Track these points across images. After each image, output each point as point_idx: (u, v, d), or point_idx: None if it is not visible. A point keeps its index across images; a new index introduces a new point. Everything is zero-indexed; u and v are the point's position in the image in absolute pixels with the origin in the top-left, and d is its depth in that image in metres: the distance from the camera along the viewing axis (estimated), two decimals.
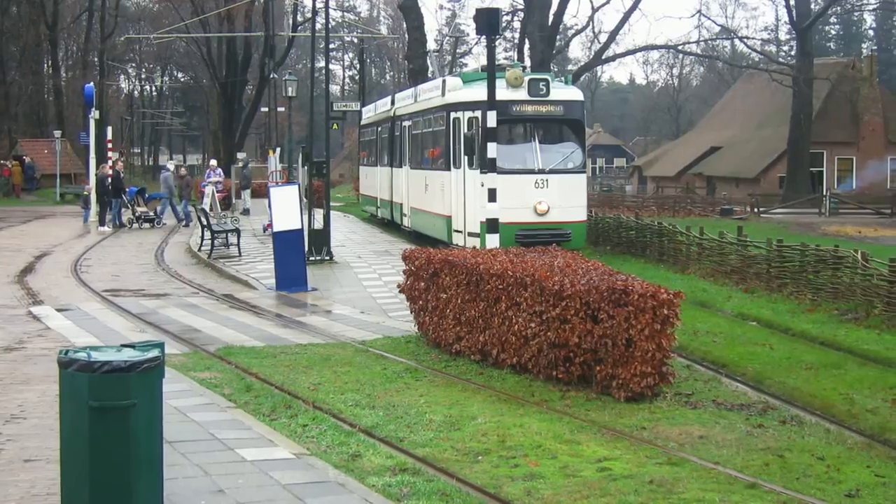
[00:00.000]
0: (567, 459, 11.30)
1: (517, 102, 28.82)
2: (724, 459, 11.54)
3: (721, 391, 15.14)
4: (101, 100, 73.76)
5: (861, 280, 21.76)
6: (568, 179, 29.36)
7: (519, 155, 29.30)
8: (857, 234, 45.40)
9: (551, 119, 29.75)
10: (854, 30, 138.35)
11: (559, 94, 29.71)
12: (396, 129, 39.76)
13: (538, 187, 28.46)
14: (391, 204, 40.41)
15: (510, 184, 26.98)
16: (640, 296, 13.83)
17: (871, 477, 11.22)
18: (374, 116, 46.97)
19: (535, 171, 28.76)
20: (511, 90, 28.67)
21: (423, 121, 34.88)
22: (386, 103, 44.25)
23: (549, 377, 14.98)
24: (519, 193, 27.89)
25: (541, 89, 28.94)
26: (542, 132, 29.89)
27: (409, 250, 19.27)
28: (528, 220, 28.11)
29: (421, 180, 34.54)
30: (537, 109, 29.12)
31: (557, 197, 28.64)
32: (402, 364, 16.59)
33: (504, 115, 27.36)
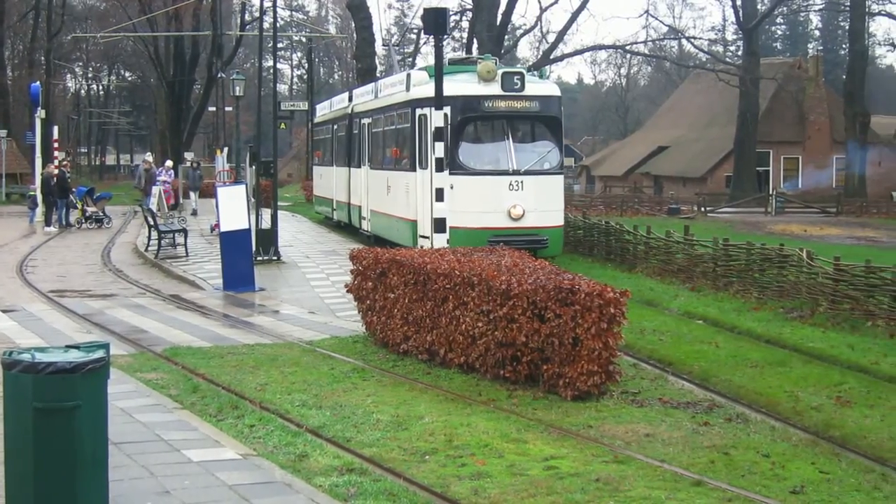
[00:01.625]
0: (514, 458, 11.32)
1: (490, 98, 26.94)
2: (670, 457, 11.61)
3: (667, 389, 15.23)
4: (48, 99, 73.19)
5: (806, 278, 21.92)
6: (544, 181, 27.38)
7: (491, 154, 27.58)
8: (803, 233, 45.75)
9: (526, 116, 27.68)
10: (800, 30, 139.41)
11: (535, 88, 27.63)
12: (355, 127, 37.73)
13: (512, 190, 26.43)
14: (349, 206, 38.45)
15: (482, 186, 26.42)
16: (586, 295, 13.87)
17: (815, 473, 11.32)
18: (329, 114, 44.97)
19: (509, 172, 26.67)
20: (483, 84, 26.94)
21: (384, 118, 32.88)
22: (343, 100, 42.51)
23: (497, 376, 15.00)
24: (491, 196, 26.41)
25: (515, 83, 26.92)
26: (516, 130, 27.86)
27: (357, 250, 19.25)
28: (502, 226, 26.18)
29: (382, 181, 32.46)
30: (511, 105, 27.07)
31: (533, 200, 26.63)
32: (349, 364, 16.56)
33: (475, 112, 26.94)
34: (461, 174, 26.34)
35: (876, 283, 20.03)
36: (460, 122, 26.77)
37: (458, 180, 26.08)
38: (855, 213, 61.31)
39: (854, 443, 12.79)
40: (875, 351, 17.32)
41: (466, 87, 27.00)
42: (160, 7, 71.73)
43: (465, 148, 27.12)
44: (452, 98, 25.70)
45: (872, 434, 12.93)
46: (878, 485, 11.07)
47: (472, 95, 26.74)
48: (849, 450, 12.56)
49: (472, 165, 26.77)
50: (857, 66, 73.72)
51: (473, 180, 26.51)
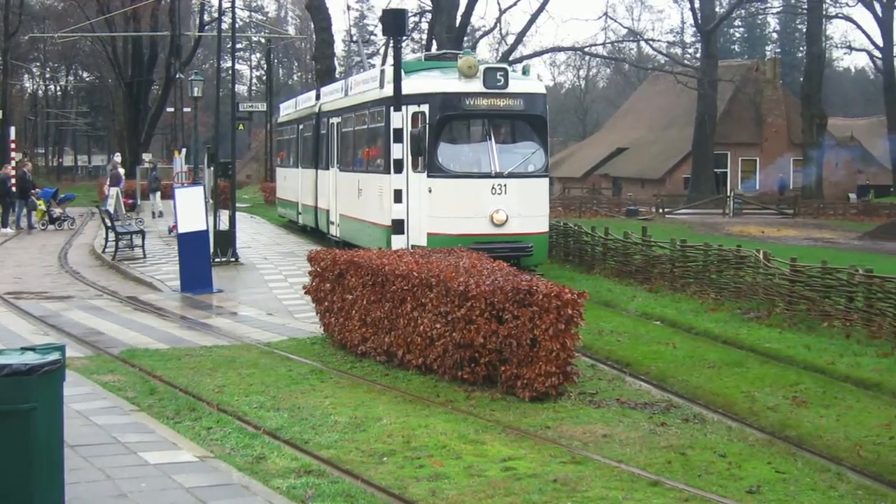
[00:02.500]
0: (472, 459, 11.33)
1: (471, 95, 25.09)
2: (627, 458, 11.64)
3: (625, 390, 15.27)
4: (5, 99, 72.88)
5: (763, 279, 22.04)
6: (529, 185, 25.51)
7: (472, 156, 25.81)
8: (761, 234, 46.03)
9: (510, 115, 25.77)
10: (758, 33, 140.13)
11: (519, 85, 25.64)
12: (322, 127, 35.90)
13: (495, 194, 24.65)
14: (315, 210, 36.65)
15: (462, 189, 24.91)
16: (544, 296, 13.90)
17: (771, 473, 11.37)
18: (294, 113, 43.21)
19: (492, 174, 24.79)
20: (464, 81, 25.12)
21: (355, 117, 30.97)
22: (309, 98, 40.48)
23: (455, 378, 15.01)
24: (473, 201, 24.71)
25: (498, 80, 25.00)
26: (499, 130, 25.93)
27: (315, 252, 19.20)
28: (484, 232, 24.46)
29: (353, 184, 30.58)
30: (494, 103, 25.21)
31: (517, 205, 24.85)
32: (307, 366, 16.53)
33: (455, 111, 25.30)
34: (440, 177, 24.98)
35: (832, 284, 20.15)
36: (439, 120, 25.17)
37: (437, 183, 24.99)
38: (812, 214, 61.71)
39: (810, 442, 12.85)
40: (831, 351, 17.42)
41: (446, 84, 25.56)
42: (118, 7, 71.39)
43: (445, 149, 25.49)
44: (431, 95, 25.04)
45: (828, 434, 13.00)
46: (834, 484, 11.14)
47: (451, 93, 25.20)
48: (805, 449, 12.62)
49: (452, 167, 25.18)
50: (814, 68, 74.23)
51: (453, 183, 25.03)
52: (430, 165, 24.87)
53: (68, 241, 39.54)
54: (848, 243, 42.98)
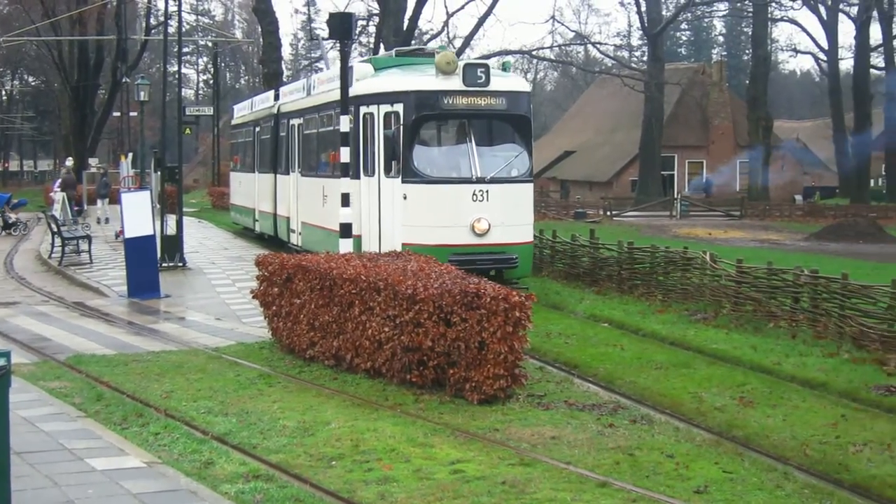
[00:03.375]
0: (420, 462, 11.34)
1: (449, 94, 23.16)
2: (575, 459, 11.69)
3: (573, 392, 15.31)
4: None
5: (710, 281, 22.16)
6: (512, 191, 23.56)
7: (451, 160, 23.90)
8: (708, 236, 46.30)
9: (492, 114, 23.79)
10: (704, 36, 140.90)
11: (501, 83, 23.80)
12: (282, 129, 33.89)
13: (476, 200, 22.76)
14: (275, 217, 34.61)
15: (440, 196, 23.02)
16: (492, 298, 13.93)
17: (719, 473, 11.44)
18: (250, 115, 41.08)
19: (473, 180, 22.86)
20: (442, 78, 23.15)
21: (319, 118, 28.86)
22: (267, 99, 38.25)
23: (403, 381, 15.00)
24: (452, 208, 22.84)
25: (479, 77, 23.05)
26: (480, 131, 23.93)
27: (263, 256, 19.13)
28: (464, 242, 22.71)
29: (317, 190, 28.60)
30: (474, 102, 23.18)
31: (500, 212, 23.00)
32: (255, 370, 16.49)
33: (433, 110, 23.41)
34: (415, 182, 23.07)
35: (778, 285, 20.30)
36: (415, 121, 23.27)
37: (413, 190, 23.12)
38: (758, 216, 62.15)
39: (757, 442, 12.94)
40: (777, 351, 17.53)
41: (422, 81, 23.63)
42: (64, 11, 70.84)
43: (421, 152, 23.65)
44: (405, 94, 23.35)
45: (775, 433, 13.10)
46: (781, 483, 11.22)
47: (428, 90, 23.29)
48: (752, 449, 12.71)
49: (429, 172, 23.31)
50: (759, 71, 74.79)
51: (430, 190, 23.11)
52: (405, 170, 23.10)
53: (14, 246, 39.26)
54: (794, 244, 43.31)
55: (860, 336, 17.85)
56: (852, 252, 39.67)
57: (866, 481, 11.37)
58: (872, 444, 12.57)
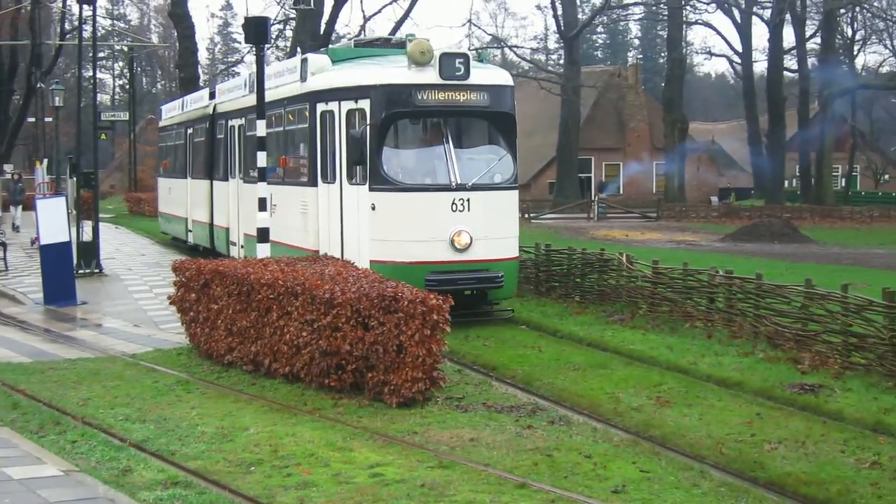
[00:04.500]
0: (340, 467, 11.34)
1: (424, 88, 20.45)
2: (494, 461, 11.74)
3: (491, 394, 15.36)
4: None
5: (626, 282, 22.31)
6: (497, 199, 21.14)
7: (427, 164, 21.22)
8: (625, 238, 46.64)
9: (473, 111, 21.15)
10: (620, 39, 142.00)
11: (482, 76, 21.17)
12: (219, 130, 31.13)
13: (456, 210, 20.30)
14: (211, 228, 32.12)
15: (415, 206, 20.42)
16: (409, 302, 13.96)
17: (636, 472, 11.53)
18: (180, 115, 38.22)
19: (452, 187, 20.36)
20: (415, 70, 20.45)
21: (266, 117, 24.39)
22: (201, 98, 35.20)
23: (322, 385, 14.99)
24: (428, 220, 20.31)
25: (457, 69, 20.45)
26: (459, 131, 21.47)
27: (180, 261, 19.04)
28: (443, 259, 20.24)
29: None
30: (453, 98, 20.61)
31: (482, 224, 20.56)
32: (173, 377, 16.41)
33: (406, 107, 20.63)
34: (386, 190, 20.36)
35: (693, 286, 20.48)
36: (385, 119, 20.55)
37: (382, 199, 20.39)
38: (675, 217, 62.71)
39: (673, 441, 13.04)
40: (693, 351, 17.69)
41: (392, 74, 20.86)
42: None
43: (391, 155, 20.97)
44: (373, 88, 20.60)
45: (691, 432, 13.21)
46: (697, 482, 11.32)
47: (400, 84, 20.53)
48: (668, 448, 12.81)
49: (401, 178, 20.61)
50: (674, 73, 75.49)
51: (403, 199, 20.44)
52: (373, 176, 20.34)
53: None
54: (710, 245, 43.73)
55: (775, 335, 18.07)
56: (767, 252, 40.16)
57: (781, 478, 11.50)
58: (787, 441, 12.71)
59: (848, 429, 13.36)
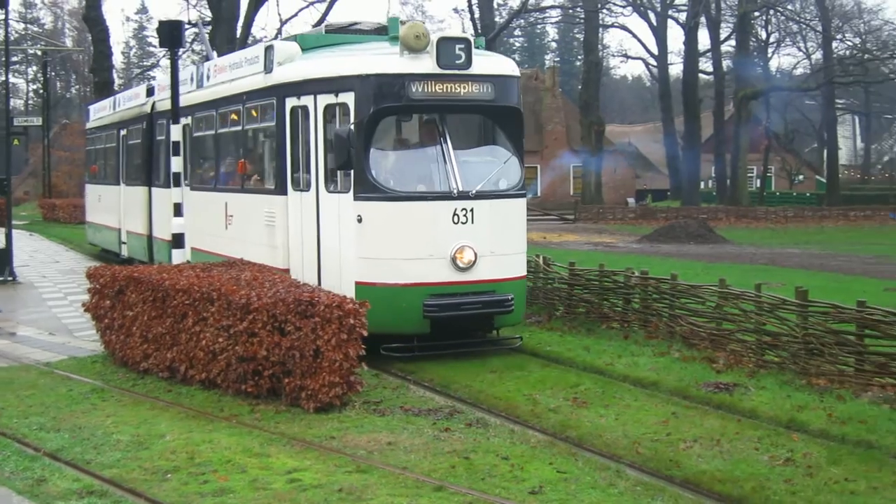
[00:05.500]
0: (257, 473, 11.30)
1: (420, 79, 17.51)
2: (412, 464, 11.74)
3: (409, 397, 15.34)
4: None
5: (543, 284, 22.42)
6: (503, 208, 18.26)
7: (423, 168, 18.30)
8: (542, 240, 46.79)
9: (475, 107, 18.34)
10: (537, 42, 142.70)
11: (486, 64, 18.24)
12: (159, 131, 27.82)
13: (458, 223, 17.48)
14: (149, 240, 28.72)
15: (411, 217, 17.54)
16: (326, 306, 13.92)
17: (553, 473, 11.57)
18: (112, 116, 34.68)
19: (453, 195, 17.45)
20: (409, 57, 17.55)
21: (219, 116, 23.20)
22: (136, 96, 31.66)
23: (239, 391, 14.90)
24: (426, 234, 17.44)
25: (458, 56, 17.60)
26: (460, 129, 18.69)
27: (94, 268, 18.83)
28: (443, 280, 17.41)
29: (216, 208, 22.91)
30: (452, 90, 17.71)
31: (488, 238, 17.75)
32: (88, 385, 16.23)
33: (398, 100, 17.68)
34: (375, 199, 17.45)
35: (609, 287, 20.61)
36: (373, 116, 17.62)
37: (371, 209, 17.51)
38: (592, 219, 63.10)
39: (590, 442, 13.09)
40: (610, 352, 17.80)
41: (381, 62, 17.93)
42: None
43: (380, 158, 18.10)
44: (358, 79, 17.71)
45: (607, 432, 13.28)
46: (613, 481, 11.38)
47: (391, 74, 17.60)
48: (585, 449, 12.86)
49: (392, 185, 17.74)
50: (591, 76, 75.98)
51: (396, 209, 17.56)
52: (360, 183, 17.46)
53: None
54: (627, 246, 44.04)
55: (690, 335, 18.24)
56: (683, 253, 40.53)
57: (696, 476, 11.59)
58: (702, 439, 12.83)
59: (762, 426, 13.52)
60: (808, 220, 67.28)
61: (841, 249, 44.13)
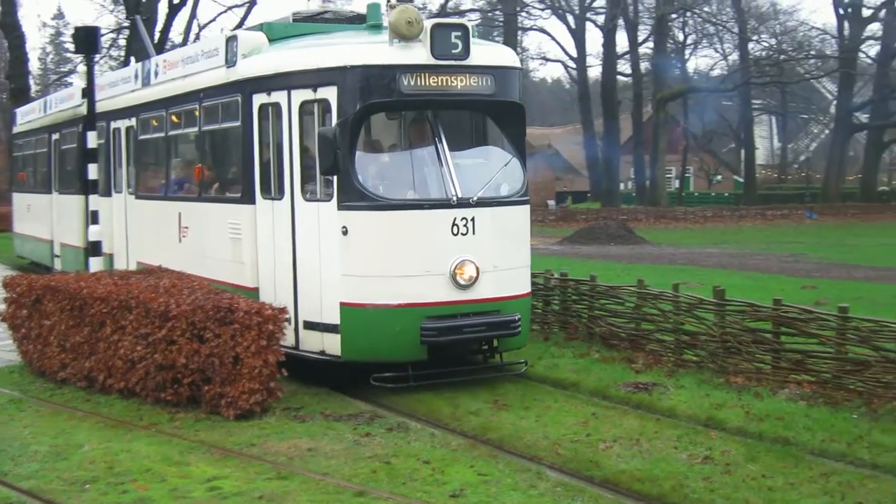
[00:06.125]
0: (177, 481, 11.24)
1: (413, 70, 15.39)
2: (332, 470, 11.73)
3: (329, 403, 15.26)
4: None
5: None
6: (506, 217, 16.37)
7: (416, 172, 16.09)
8: None
9: (475, 101, 16.27)
10: None
11: (485, 54, 16.17)
12: (100, 135, 24.22)
13: (458, 234, 15.43)
14: (86, 254, 24.48)
15: (405, 228, 15.43)
16: (245, 313, 13.87)
17: (474, 476, 11.61)
18: (42, 119, 32.34)
19: (452, 202, 15.42)
20: (399, 47, 15.39)
21: (169, 116, 20.92)
22: (70, 97, 28.95)
23: (158, 400, 14.79)
24: (422, 247, 15.40)
25: (454, 45, 15.48)
26: (457, 127, 16.71)
27: (10, 277, 18.61)
28: (443, 300, 15.37)
29: (167, 219, 20.68)
30: (449, 84, 15.59)
31: (491, 251, 15.80)
32: (5, 395, 16.04)
33: (388, 95, 15.51)
34: (362, 208, 15.33)
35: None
36: (359, 113, 15.48)
37: (358, 219, 15.40)
38: None
39: (511, 444, 13.15)
40: (530, 354, 17.79)
41: (369, 52, 15.73)
42: None
43: (368, 161, 16.09)
44: (341, 71, 15.53)
45: (528, 434, 13.34)
46: (534, 483, 11.44)
47: (380, 66, 15.44)
48: (506, 451, 12.91)
49: (382, 192, 15.65)
50: None
51: (387, 219, 15.43)
52: (344, 189, 15.33)
53: None
54: (547, 248, 44.17)
55: (609, 336, 18.38)
56: (604, 254, 40.77)
57: (616, 476, 11.68)
58: (622, 439, 12.93)
59: (681, 425, 13.67)
60: (727, 220, 67.88)
61: (759, 248, 44.59)
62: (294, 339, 15.98)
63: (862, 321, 14.65)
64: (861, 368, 14.44)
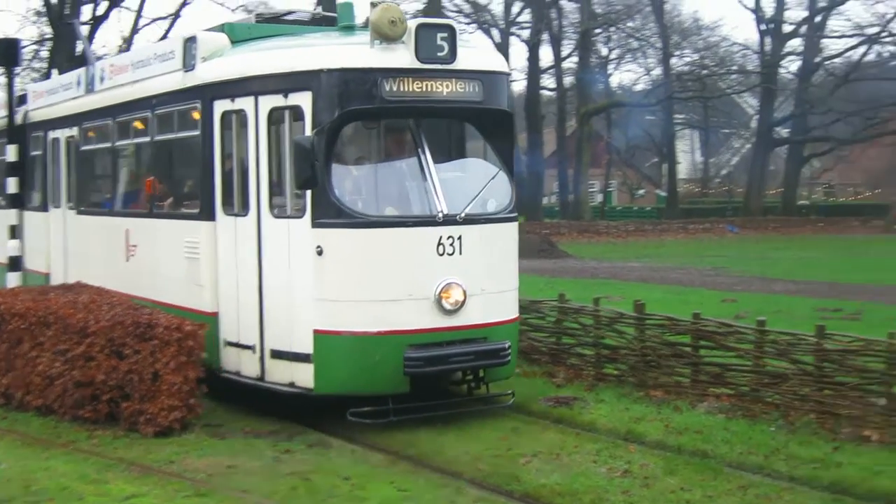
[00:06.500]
0: (94, 500, 11.15)
1: (396, 74, 14.01)
2: (252, 487, 11.69)
3: (250, 420, 15.16)
4: None
5: None
6: (495, 235, 14.87)
7: (397, 186, 14.99)
8: None
9: (462, 109, 15.03)
10: None
11: (473, 58, 14.92)
12: (34, 146, 23.60)
13: (444, 254, 14.10)
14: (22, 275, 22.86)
15: (387, 248, 14.07)
16: (164, 329, 13.79)
17: (394, 492, 11.61)
18: None
19: (438, 219, 14.06)
20: (381, 49, 14.03)
21: (117, 125, 19.30)
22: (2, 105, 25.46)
23: (77, 417, 14.62)
24: (405, 268, 14.03)
25: (440, 48, 14.23)
26: (441, 137, 15.64)
27: None
28: (427, 326, 14.05)
29: (113, 237, 19.12)
30: (434, 89, 14.26)
31: (479, 272, 14.44)
32: None
33: (369, 102, 14.15)
34: (339, 225, 13.97)
35: None
36: (337, 121, 14.12)
37: (334, 238, 14.03)
38: None
39: (431, 459, 13.15)
40: None
41: (348, 54, 14.36)
42: None
43: (345, 174, 14.81)
44: (318, 75, 14.10)
45: (448, 450, 13.36)
46: (454, 498, 11.47)
47: (360, 69, 14.05)
48: (426, 466, 12.92)
49: (360, 208, 14.33)
50: None
51: (366, 238, 14.08)
52: (319, 205, 13.97)
53: None
54: None
55: (531, 350, 18.42)
56: (526, 268, 40.29)
57: (536, 490, 11.71)
58: (542, 454, 12.98)
59: (601, 439, 13.76)
60: (649, 234, 68.41)
61: (680, 262, 44.95)
62: (259, 369, 14.88)
63: (779, 334, 14.85)
64: (778, 381, 14.63)
